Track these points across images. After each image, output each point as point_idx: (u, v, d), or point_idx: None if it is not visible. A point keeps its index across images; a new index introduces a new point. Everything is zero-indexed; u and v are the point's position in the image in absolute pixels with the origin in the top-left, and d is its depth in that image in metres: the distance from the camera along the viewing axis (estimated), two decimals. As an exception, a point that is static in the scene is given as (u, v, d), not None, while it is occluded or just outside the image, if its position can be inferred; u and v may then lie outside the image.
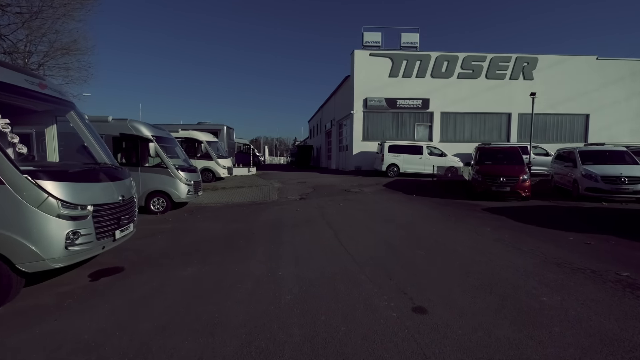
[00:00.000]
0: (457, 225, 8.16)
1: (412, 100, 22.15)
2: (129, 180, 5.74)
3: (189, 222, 9.10)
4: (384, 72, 22.02)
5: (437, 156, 19.49)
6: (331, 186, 16.39)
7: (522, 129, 22.72)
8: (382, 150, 19.59)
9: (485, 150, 13.77)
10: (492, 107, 22.54)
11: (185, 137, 17.88)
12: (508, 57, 22.26)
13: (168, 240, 7.07)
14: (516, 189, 11.76)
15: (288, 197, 13.62)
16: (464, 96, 22.28)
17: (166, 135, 11.78)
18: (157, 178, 10.85)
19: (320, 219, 9.03)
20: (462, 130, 22.80)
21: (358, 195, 13.64)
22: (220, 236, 7.29)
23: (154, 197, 10.88)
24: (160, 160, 10.94)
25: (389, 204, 11.70)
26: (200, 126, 22.42)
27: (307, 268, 5.09)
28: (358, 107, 22.13)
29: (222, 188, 16.22)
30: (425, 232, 7.42)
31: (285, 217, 9.43)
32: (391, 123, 22.54)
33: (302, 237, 7.08)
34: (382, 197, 13.26)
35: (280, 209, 10.93)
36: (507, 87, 22.39)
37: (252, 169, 22.90)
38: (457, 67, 22.19)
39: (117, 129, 10.60)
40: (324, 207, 11.03)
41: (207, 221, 9.24)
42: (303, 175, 21.64)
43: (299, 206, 11.41)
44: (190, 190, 11.30)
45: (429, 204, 11.61)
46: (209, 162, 18.07)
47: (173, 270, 5.12)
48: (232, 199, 13.39)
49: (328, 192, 14.51)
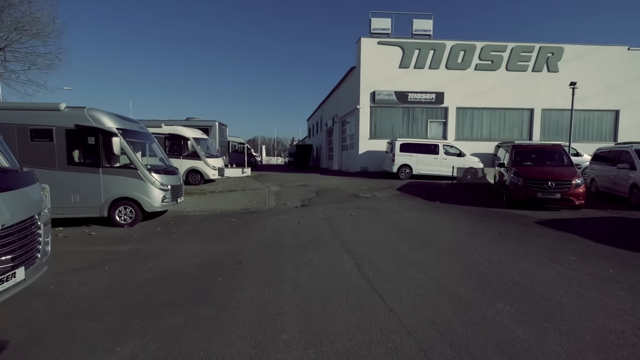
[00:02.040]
0: (520, 249, 5.96)
1: (425, 94, 19.97)
2: (32, 189, 3.51)
3: (158, 242, 6.85)
4: (393, 62, 19.83)
5: (454, 156, 17.34)
6: (336, 190, 14.18)
7: (546, 127, 20.63)
8: (392, 150, 17.42)
9: (522, 149, 11.58)
10: (513, 102, 20.41)
11: (169, 133, 15.61)
12: (531, 47, 20.14)
13: (114, 276, 4.82)
14: (568, 195, 9.58)
15: (287, 204, 11.41)
16: (482, 90, 20.14)
17: (138, 128, 9.54)
18: (123, 182, 8.63)
19: (331, 238, 6.81)
20: (480, 127, 20.64)
21: (371, 202, 11.43)
22: (193, 269, 5.05)
23: (120, 206, 8.66)
24: (128, 159, 8.71)
25: (413, 214, 9.50)
26: (189, 122, 20.14)
27: (328, 347, 2.88)
28: (365, 101, 19.92)
29: (211, 192, 13.98)
30: (487, 262, 5.22)
31: (284, 234, 7.21)
32: (401, 119, 20.34)
33: (310, 271, 4.86)
34: (401, 204, 11.05)
35: (278, 221, 8.70)
36: (529, 80, 20.26)
37: (246, 169, 20.65)
38: (475, 57, 20.03)
39: (71, 120, 8.37)
40: (333, 219, 8.82)
41: (183, 239, 6.99)
42: (303, 177, 19.41)
43: (301, 216, 9.20)
44: (167, 197, 9.07)
45: (462, 214, 9.42)
46: (196, 162, 15.81)
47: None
48: (220, 206, 11.16)
49: (334, 198, 12.30)
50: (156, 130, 15.52)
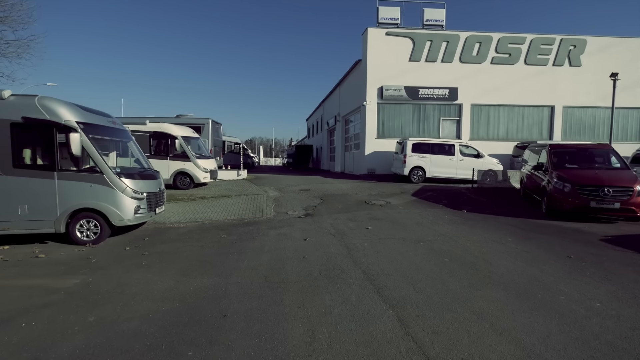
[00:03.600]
0: (618, 286, 4.29)
1: (437, 90, 18.31)
2: None
3: (119, 271, 5.13)
4: (403, 55, 18.18)
5: (471, 157, 15.72)
6: (344, 195, 12.50)
7: (568, 125, 19.02)
8: (403, 150, 15.77)
9: (562, 149, 9.94)
10: (532, 98, 18.78)
11: (154, 131, 13.86)
12: (551, 39, 18.53)
13: (22, 343, 3.10)
14: (629, 205, 7.92)
15: (289, 213, 9.72)
16: (499, 85, 18.51)
17: (107, 123, 7.81)
18: (85, 189, 6.92)
19: (349, 265, 5.12)
20: (496, 126, 19.00)
21: (386, 211, 9.76)
22: (153, 329, 3.34)
23: (81, 219, 6.95)
24: (92, 161, 7.00)
25: (443, 227, 7.82)
26: (179, 120, 18.40)
27: None
28: (372, 97, 18.25)
29: (201, 198, 12.26)
30: (592, 314, 3.54)
31: (287, 258, 5.51)
32: (411, 117, 18.67)
33: (330, 333, 3.16)
34: (423, 214, 9.38)
35: (278, 237, 7.01)
36: (550, 74, 18.65)
37: (242, 171, 18.92)
38: (491, 50, 18.40)
39: (18, 111, 6.69)
40: (346, 234, 7.14)
41: (154, 267, 5.28)
42: (304, 180, 17.72)
43: (306, 230, 7.50)
44: (142, 207, 7.37)
45: (502, 228, 7.75)
46: (185, 163, 14.07)
47: None
48: (210, 216, 9.46)
49: (342, 205, 10.62)
50: (139, 127, 13.81)
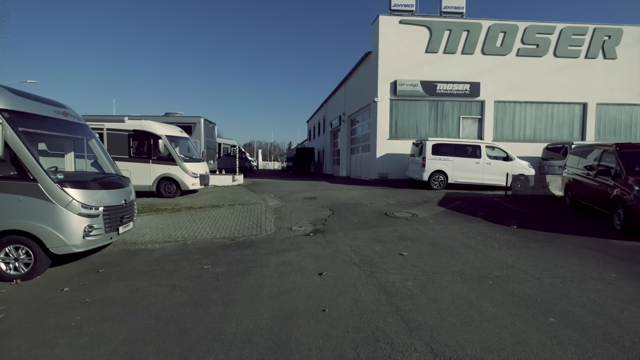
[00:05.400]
0: None
1: (457, 85, 16.37)
2: None
3: (26, 340, 3.08)
4: (418, 46, 16.25)
5: (499, 160, 13.79)
6: (357, 205, 10.51)
7: (602, 124, 17.09)
8: (422, 152, 13.81)
9: (635, 150, 7.99)
10: (562, 94, 16.86)
11: (133, 129, 11.83)
12: (584, 29, 16.64)
13: None
14: None
15: (293, 229, 7.71)
16: (525, 80, 16.59)
17: (52, 114, 5.79)
18: (11, 204, 4.95)
19: (399, 331, 3.08)
20: (522, 125, 17.04)
21: (417, 227, 7.74)
22: None
23: (6, 245, 4.96)
24: (22, 164, 5.00)
25: (502, 253, 5.80)
26: (167, 118, 16.42)
27: None
28: (384, 93, 16.28)
29: (188, 208, 10.25)
30: None
31: (298, 314, 3.47)
32: (428, 115, 16.70)
33: None
34: (465, 231, 7.36)
35: (282, 270, 4.97)
36: (582, 68, 16.74)
37: (238, 177, 16.88)
38: (517, 40, 16.49)
39: None
40: (376, 265, 5.12)
41: (84, 335, 3.22)
42: (308, 186, 15.72)
43: (319, 258, 5.48)
44: (95, 227, 5.36)
45: (583, 254, 5.73)
46: (170, 167, 12.04)
47: None
48: (195, 232, 7.44)
49: (359, 219, 8.61)
50: (116, 125, 11.82)
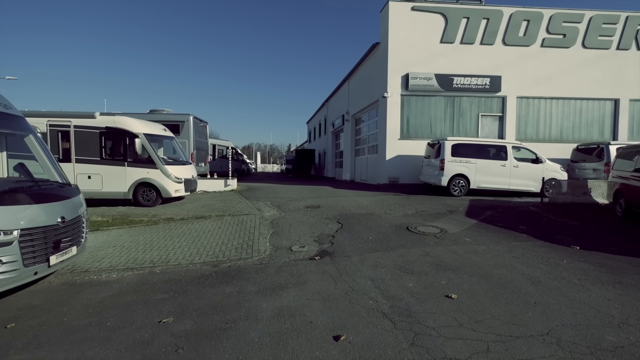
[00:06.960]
0: None
1: (476, 78, 14.70)
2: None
3: None
4: (433, 35, 14.60)
5: (528, 162, 12.11)
6: (369, 216, 8.78)
7: (636, 122, 15.42)
8: (439, 154, 12.13)
9: None
10: (592, 90, 15.21)
11: (106, 127, 10.08)
12: (615, 17, 15.02)
13: None
14: None
15: (293, 250, 5.97)
16: (551, 73, 14.95)
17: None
18: None
19: None
20: (548, 123, 15.36)
21: (453, 248, 6.00)
22: None
23: None
24: None
25: (590, 295, 4.05)
26: (153, 116, 14.72)
27: None
28: (394, 87, 14.60)
29: (167, 220, 8.51)
30: None
31: None
32: (444, 112, 15.01)
33: None
34: (518, 256, 5.62)
35: (277, 329, 3.15)
36: (613, 60, 15.11)
37: (231, 181, 15.15)
38: (542, 29, 14.85)
39: None
40: (414, 314, 3.33)
41: None
42: (310, 192, 14.00)
43: (331, 301, 3.70)
44: (4, 261, 3.59)
45: None
46: (149, 170, 10.29)
47: None
48: (169, 254, 5.69)
49: (375, 235, 6.87)
50: (85, 122, 10.09)
